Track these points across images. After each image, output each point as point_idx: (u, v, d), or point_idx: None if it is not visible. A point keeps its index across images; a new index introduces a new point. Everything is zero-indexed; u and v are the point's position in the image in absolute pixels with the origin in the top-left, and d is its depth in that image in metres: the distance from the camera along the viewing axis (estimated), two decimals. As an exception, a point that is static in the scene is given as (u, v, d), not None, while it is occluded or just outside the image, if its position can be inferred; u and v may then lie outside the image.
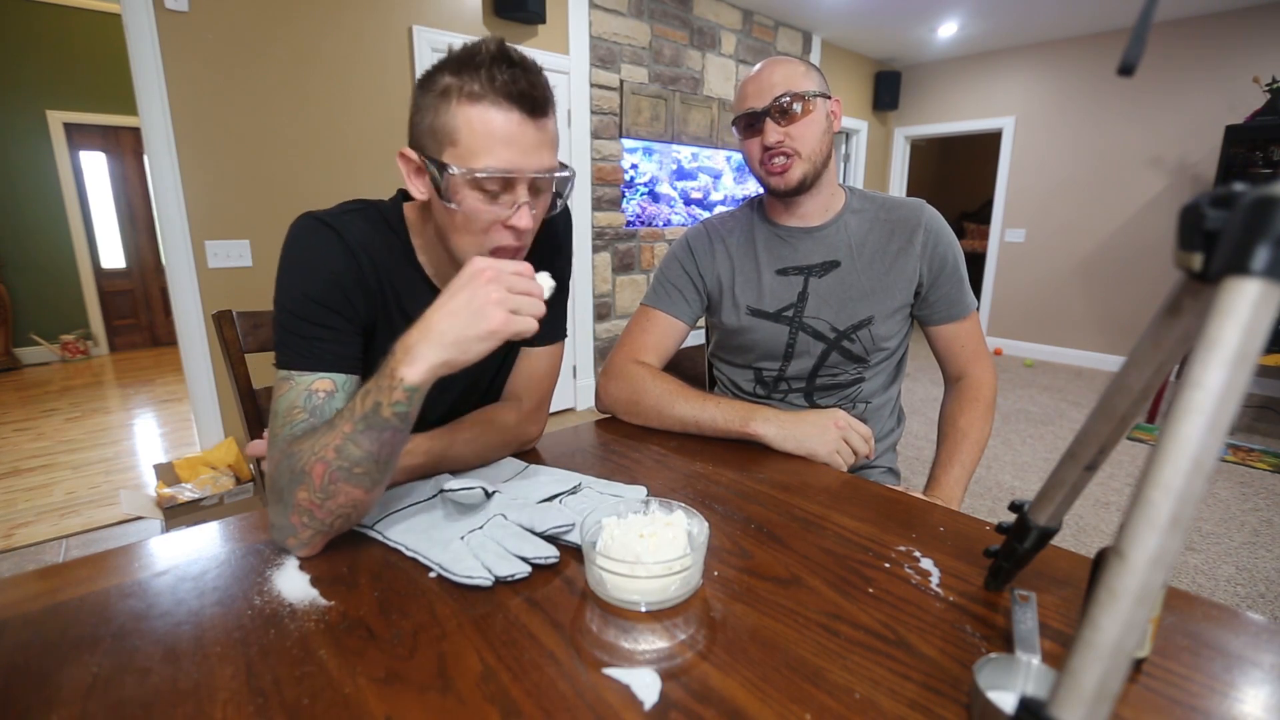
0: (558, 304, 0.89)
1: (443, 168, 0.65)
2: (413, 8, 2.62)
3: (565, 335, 0.91)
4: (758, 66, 1.01)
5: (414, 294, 0.78)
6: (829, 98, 1.01)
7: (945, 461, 1.02)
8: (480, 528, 0.62)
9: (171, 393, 3.87)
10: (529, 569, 0.57)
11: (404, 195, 0.80)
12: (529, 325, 0.59)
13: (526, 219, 0.68)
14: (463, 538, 0.61)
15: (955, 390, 1.10)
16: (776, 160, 0.99)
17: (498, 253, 0.70)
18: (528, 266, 0.61)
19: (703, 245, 1.12)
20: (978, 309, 1.10)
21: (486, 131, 0.64)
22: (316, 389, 0.66)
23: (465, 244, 0.71)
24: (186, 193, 2.18)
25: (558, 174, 0.70)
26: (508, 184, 0.67)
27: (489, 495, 0.68)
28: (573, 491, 0.73)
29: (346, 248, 0.71)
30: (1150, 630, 0.46)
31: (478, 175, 0.65)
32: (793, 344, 1.07)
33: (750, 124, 1.00)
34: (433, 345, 0.57)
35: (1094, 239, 4.53)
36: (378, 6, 2.52)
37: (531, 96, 0.65)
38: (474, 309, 0.57)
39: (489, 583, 0.55)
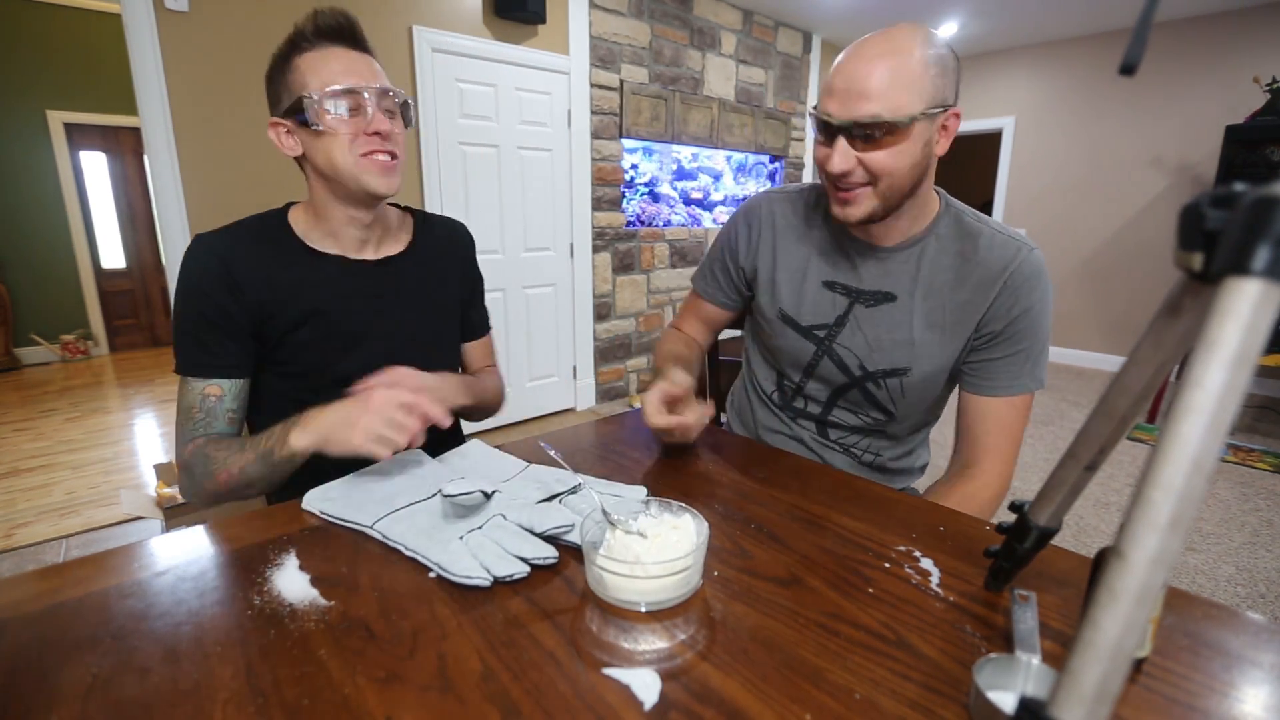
0: (479, 304, 1.10)
1: (302, 101, 0.79)
2: (413, 8, 2.62)
3: (490, 329, 1.14)
4: (862, 49, 0.77)
5: (305, 268, 0.88)
6: (944, 110, 0.77)
7: None
8: (480, 528, 0.62)
9: (171, 393, 3.85)
10: (528, 569, 0.57)
11: (290, 205, 0.93)
12: (382, 454, 0.71)
13: (384, 122, 0.82)
14: (462, 538, 0.61)
15: (951, 478, 0.89)
16: (842, 189, 0.82)
17: (370, 155, 0.82)
18: (422, 403, 0.74)
19: (757, 225, 1.01)
20: (1030, 394, 0.87)
21: (325, 66, 0.80)
22: (208, 394, 0.83)
23: (342, 160, 0.82)
24: (186, 193, 2.18)
25: (397, 95, 0.85)
26: (357, 102, 0.81)
27: (488, 496, 0.68)
28: (573, 491, 0.73)
29: (218, 257, 0.83)
30: (1150, 630, 0.46)
31: (331, 91, 0.79)
32: (815, 364, 0.97)
33: (824, 129, 0.80)
34: (312, 432, 0.74)
35: (1094, 239, 4.53)
36: (378, 6, 2.52)
37: (349, 29, 0.83)
38: (349, 423, 0.72)
39: (488, 583, 0.55)
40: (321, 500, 0.70)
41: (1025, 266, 0.84)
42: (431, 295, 1.00)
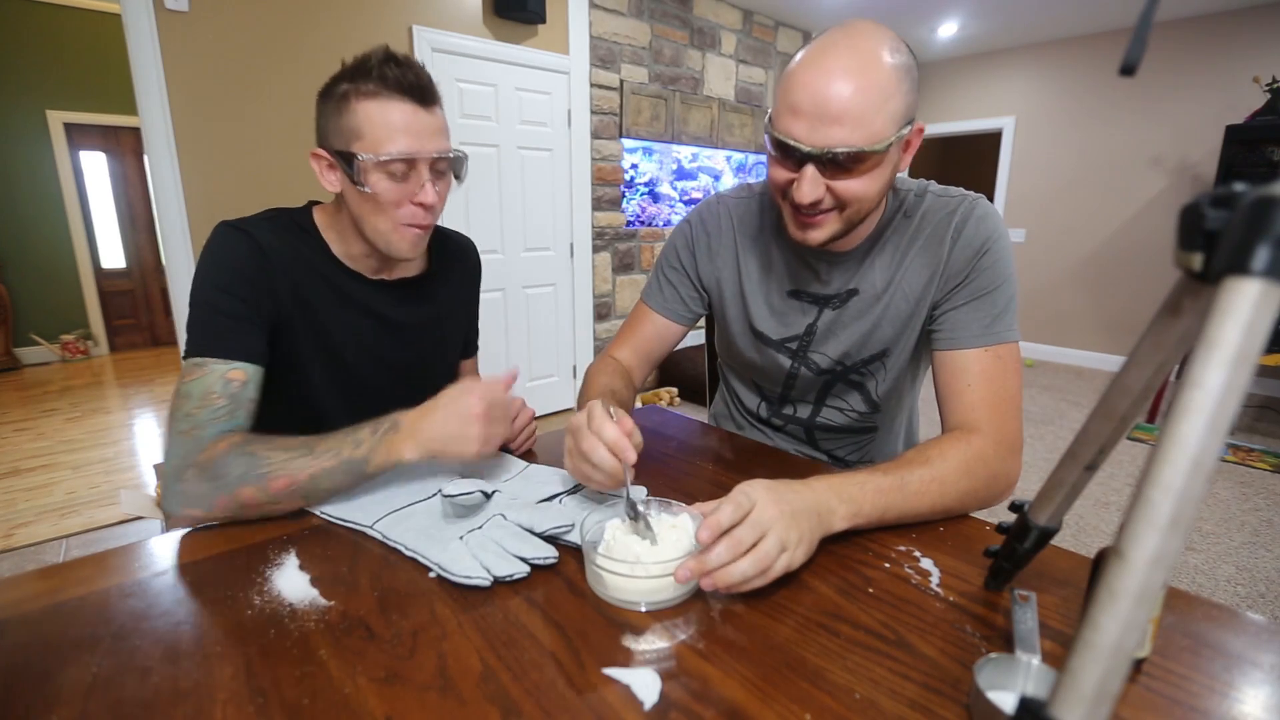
0: (476, 322, 1.10)
1: (353, 158, 0.75)
2: (413, 8, 2.62)
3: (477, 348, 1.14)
4: (826, 60, 0.67)
5: (331, 283, 0.85)
6: (910, 125, 0.71)
7: (871, 469, 0.66)
8: (479, 528, 0.62)
9: (171, 393, 3.86)
10: (528, 569, 0.57)
11: (312, 204, 0.89)
12: (495, 446, 0.71)
13: (431, 195, 0.79)
14: (462, 538, 0.61)
15: (944, 437, 0.74)
16: (806, 215, 0.75)
17: (410, 226, 0.80)
18: (515, 402, 0.82)
19: (716, 233, 0.96)
20: (1015, 344, 0.78)
21: (385, 122, 0.75)
22: (231, 378, 0.73)
23: (379, 223, 0.79)
24: (186, 193, 2.18)
25: (452, 154, 0.81)
26: (411, 166, 0.77)
27: (488, 496, 0.68)
28: (572, 491, 0.73)
29: (257, 247, 0.78)
30: (1150, 630, 0.46)
31: (385, 159, 0.75)
32: (795, 375, 0.95)
33: (787, 151, 0.71)
34: (423, 444, 0.69)
35: (1094, 239, 4.53)
36: (378, 6, 2.52)
37: (420, 87, 0.76)
38: (463, 436, 0.69)
39: (487, 583, 0.55)
40: (321, 500, 0.69)
41: (976, 210, 0.81)
42: (444, 318, 0.99)
